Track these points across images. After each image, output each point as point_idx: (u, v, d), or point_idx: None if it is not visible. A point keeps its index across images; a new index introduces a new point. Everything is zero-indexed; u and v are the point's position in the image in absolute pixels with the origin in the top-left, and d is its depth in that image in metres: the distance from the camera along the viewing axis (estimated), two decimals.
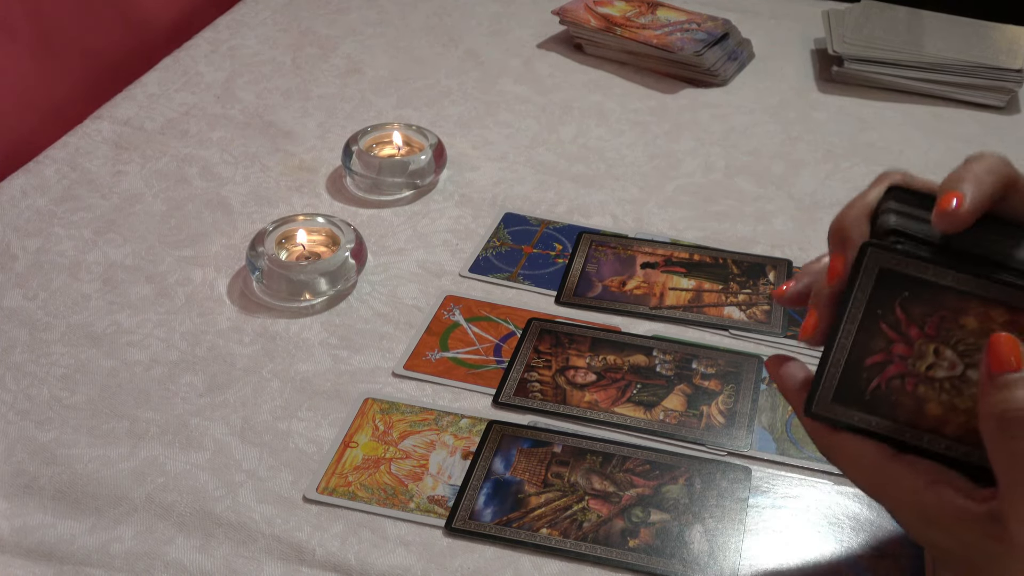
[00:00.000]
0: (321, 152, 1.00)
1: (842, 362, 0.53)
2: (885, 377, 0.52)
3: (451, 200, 0.94)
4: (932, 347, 0.51)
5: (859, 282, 0.51)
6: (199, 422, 0.72)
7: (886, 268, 0.51)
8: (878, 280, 0.51)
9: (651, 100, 1.11)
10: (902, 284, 0.51)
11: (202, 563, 0.62)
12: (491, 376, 0.75)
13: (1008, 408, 0.47)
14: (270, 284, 0.81)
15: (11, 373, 0.75)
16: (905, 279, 0.51)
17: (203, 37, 1.19)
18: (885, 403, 0.52)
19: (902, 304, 0.51)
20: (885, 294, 0.51)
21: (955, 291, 0.50)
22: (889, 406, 0.52)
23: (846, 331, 0.52)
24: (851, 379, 0.53)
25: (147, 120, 1.04)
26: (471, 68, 1.15)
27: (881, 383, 0.52)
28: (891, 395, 0.52)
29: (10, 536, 0.64)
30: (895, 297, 0.51)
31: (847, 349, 0.52)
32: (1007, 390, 0.47)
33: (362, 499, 0.66)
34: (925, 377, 0.51)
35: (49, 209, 0.92)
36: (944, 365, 0.51)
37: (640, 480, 0.68)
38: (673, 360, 0.77)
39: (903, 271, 0.51)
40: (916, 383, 0.52)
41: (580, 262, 0.86)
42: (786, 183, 0.98)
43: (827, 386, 0.53)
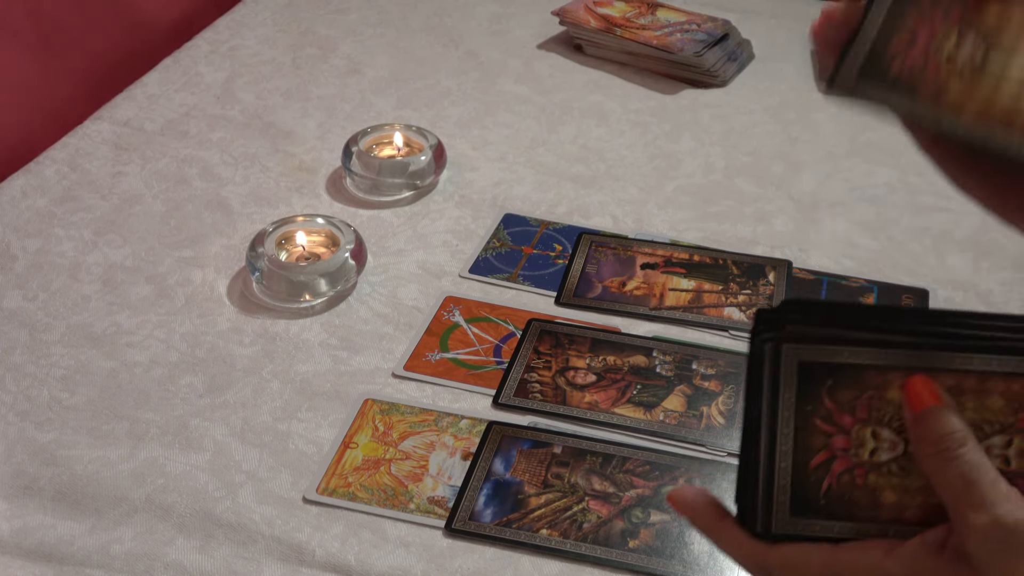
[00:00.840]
0: (321, 153, 1.00)
1: (788, 471, 0.49)
2: (834, 475, 0.49)
3: (451, 201, 0.94)
4: (869, 431, 0.49)
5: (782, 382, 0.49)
6: (199, 423, 0.72)
7: (804, 361, 0.48)
8: (800, 375, 0.48)
9: (651, 100, 1.11)
10: (824, 373, 0.48)
11: (202, 564, 0.62)
12: (491, 377, 0.75)
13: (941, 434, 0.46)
14: (270, 285, 0.81)
15: (11, 374, 0.75)
16: (825, 367, 0.48)
17: (203, 38, 1.19)
18: (841, 503, 0.49)
19: (829, 394, 0.49)
20: (810, 387, 0.49)
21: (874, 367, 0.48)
22: (845, 505, 0.49)
23: (783, 436, 0.49)
24: (802, 487, 0.49)
25: (147, 121, 1.04)
26: (471, 68, 1.15)
27: (831, 483, 0.49)
28: (844, 493, 0.49)
29: (10, 537, 0.64)
30: (820, 388, 0.48)
31: (789, 455, 0.49)
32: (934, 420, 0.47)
33: (362, 500, 0.66)
34: (871, 464, 0.49)
35: (49, 209, 0.92)
36: (885, 447, 0.49)
37: (640, 481, 0.68)
38: (673, 361, 0.77)
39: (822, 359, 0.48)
40: (865, 473, 0.49)
41: (580, 263, 0.86)
42: (786, 183, 0.98)
43: (780, 502, 0.50)
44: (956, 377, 0.48)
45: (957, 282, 0.85)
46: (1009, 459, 0.49)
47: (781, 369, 0.49)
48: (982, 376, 0.48)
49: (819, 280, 0.85)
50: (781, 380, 0.49)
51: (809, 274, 0.85)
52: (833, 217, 0.93)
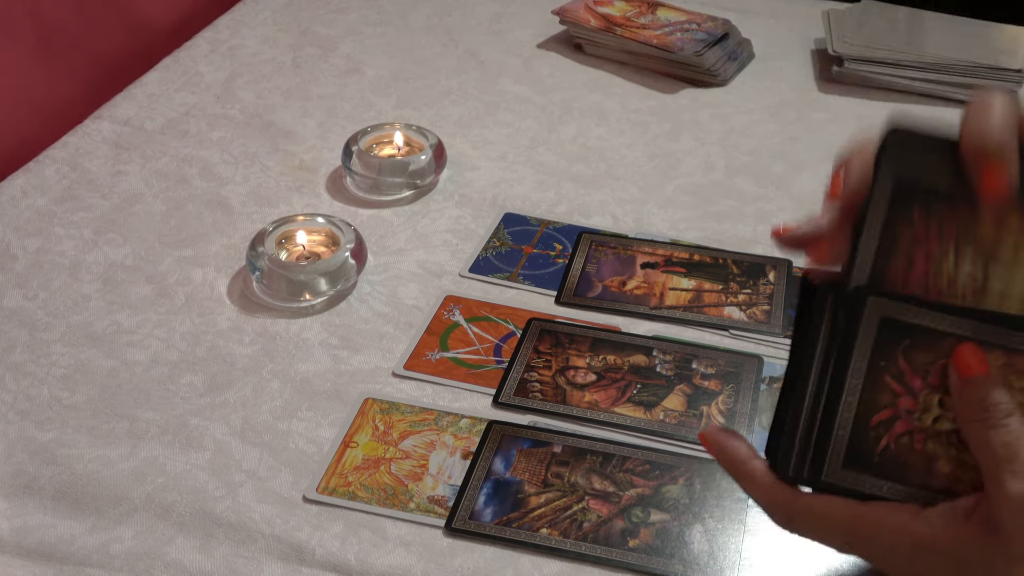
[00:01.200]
0: (321, 152, 1.00)
1: (850, 421, 0.49)
2: (893, 435, 0.49)
3: (451, 200, 0.94)
4: (937, 398, 0.48)
5: (860, 333, 0.48)
6: (199, 422, 0.72)
7: (887, 317, 0.48)
8: (879, 330, 0.48)
9: (651, 100, 1.11)
10: (903, 333, 0.48)
11: (202, 563, 0.62)
12: (491, 376, 0.75)
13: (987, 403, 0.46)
14: (270, 284, 0.81)
15: (11, 373, 0.75)
16: (906, 327, 0.48)
17: (203, 37, 1.19)
18: (895, 465, 0.49)
19: (904, 354, 0.48)
20: (887, 344, 0.48)
21: (953, 336, 0.48)
22: (899, 468, 0.49)
23: (851, 387, 0.48)
24: (860, 440, 0.49)
25: (147, 120, 1.04)
26: (471, 68, 1.15)
27: (890, 442, 0.49)
28: (901, 455, 0.49)
29: (10, 536, 0.64)
30: (896, 347, 0.48)
31: (853, 407, 0.49)
32: (982, 387, 0.47)
33: (362, 499, 0.66)
34: (933, 431, 0.48)
35: (49, 209, 0.92)
36: (950, 416, 0.48)
37: (640, 480, 0.68)
38: (673, 360, 0.77)
39: (904, 319, 0.48)
40: (925, 439, 0.49)
41: (580, 262, 0.86)
42: (786, 183, 0.98)
43: (836, 451, 0.49)
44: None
45: None
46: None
47: (862, 320, 0.48)
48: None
49: None
50: (860, 330, 0.48)
51: None
52: None
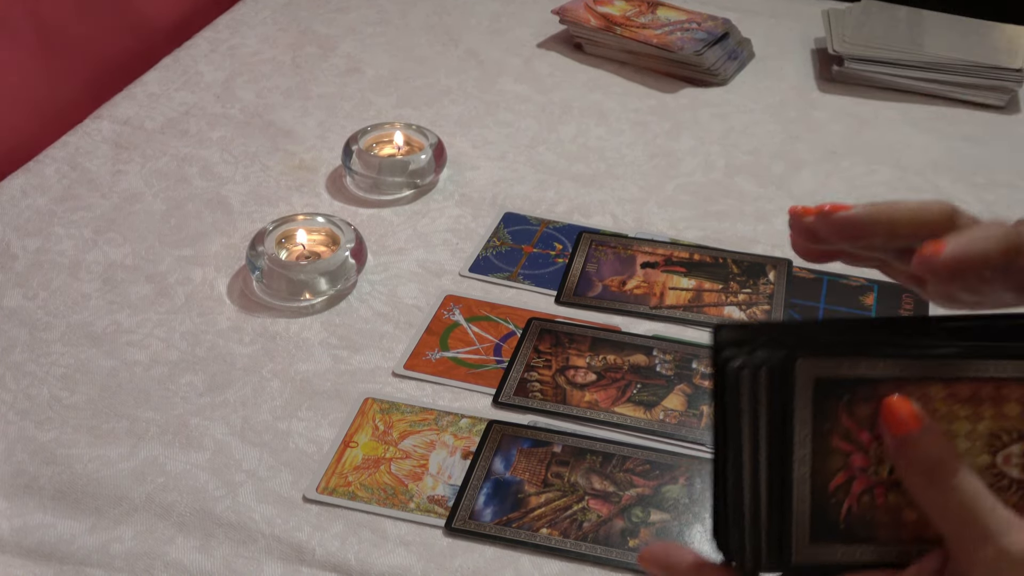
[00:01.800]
0: (321, 152, 1.00)
1: (808, 496, 0.46)
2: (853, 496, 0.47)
3: (451, 200, 0.94)
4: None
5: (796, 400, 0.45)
6: (199, 422, 0.72)
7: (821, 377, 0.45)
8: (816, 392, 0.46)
9: (651, 99, 1.11)
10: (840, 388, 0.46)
11: (202, 563, 0.62)
12: (491, 376, 0.75)
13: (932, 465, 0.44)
14: (270, 284, 0.81)
15: (11, 373, 0.75)
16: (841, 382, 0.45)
17: (203, 37, 1.19)
18: (862, 526, 0.47)
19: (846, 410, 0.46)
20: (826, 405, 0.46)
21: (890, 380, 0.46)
22: (867, 528, 0.47)
23: (800, 459, 0.46)
24: (822, 512, 0.47)
25: (147, 120, 1.04)
26: (471, 67, 1.15)
27: (852, 504, 0.47)
28: (865, 514, 0.47)
29: (10, 536, 0.64)
30: (837, 405, 0.46)
31: (807, 479, 0.46)
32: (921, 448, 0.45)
33: (362, 499, 0.66)
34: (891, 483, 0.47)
35: (49, 209, 0.91)
36: None
37: (640, 480, 0.68)
38: (673, 360, 0.77)
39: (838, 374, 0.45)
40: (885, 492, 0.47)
41: (580, 262, 0.86)
42: (786, 183, 0.98)
43: (800, 528, 0.47)
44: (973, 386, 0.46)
45: None
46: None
47: (796, 386, 0.45)
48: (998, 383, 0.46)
49: (819, 279, 0.85)
50: (796, 398, 0.46)
51: (809, 273, 0.85)
52: None
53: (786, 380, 0.46)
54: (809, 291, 0.83)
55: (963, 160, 1.01)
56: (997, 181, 0.98)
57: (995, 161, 1.01)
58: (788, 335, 0.46)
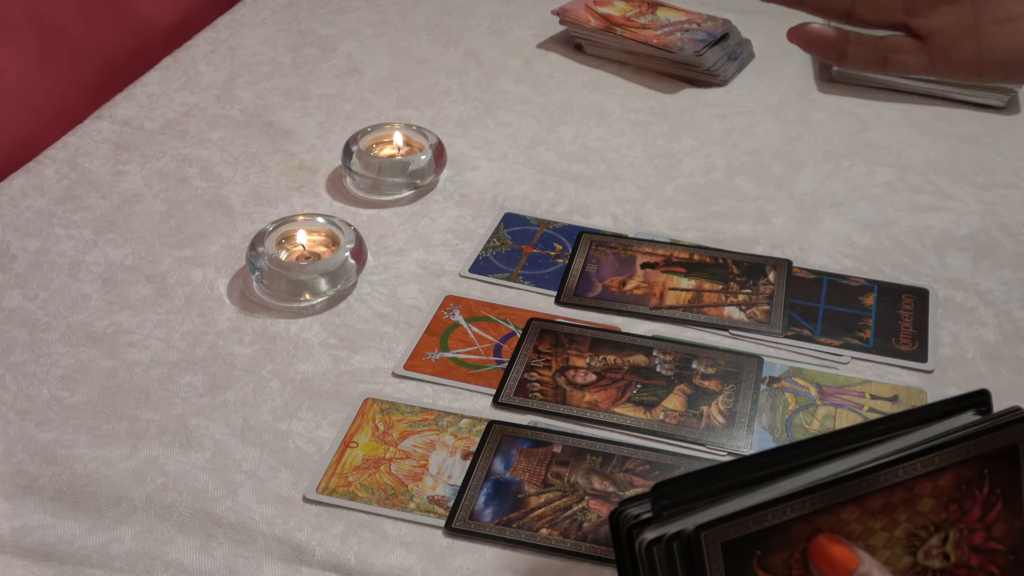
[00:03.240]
0: (321, 152, 1.00)
1: None
2: None
3: (451, 200, 0.94)
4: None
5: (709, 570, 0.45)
6: (199, 422, 0.72)
7: (727, 541, 0.45)
8: (725, 556, 0.45)
9: (651, 100, 1.11)
10: (749, 545, 0.46)
11: (202, 563, 0.62)
12: (491, 376, 0.75)
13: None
14: (270, 284, 0.81)
15: (11, 373, 0.75)
16: (748, 539, 0.45)
17: (203, 37, 1.19)
18: None
19: (760, 564, 0.46)
20: (739, 565, 0.46)
21: (796, 520, 0.45)
22: None
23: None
24: None
25: (147, 120, 1.04)
26: (471, 68, 1.15)
27: None
28: None
29: (10, 536, 0.64)
30: (750, 561, 0.46)
31: None
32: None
33: (362, 499, 0.66)
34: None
35: (49, 209, 0.92)
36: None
37: (640, 480, 0.68)
38: (673, 360, 0.77)
39: (742, 533, 0.45)
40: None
41: (580, 262, 0.86)
42: (786, 183, 0.98)
43: None
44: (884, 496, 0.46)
45: (957, 281, 0.85)
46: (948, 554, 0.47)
47: (706, 558, 0.45)
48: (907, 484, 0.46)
49: (819, 279, 0.85)
50: (707, 569, 0.45)
51: (809, 273, 0.85)
52: (833, 217, 0.93)
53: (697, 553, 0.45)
54: (809, 291, 0.83)
55: (963, 160, 1.01)
56: (997, 181, 0.98)
57: (995, 161, 1.01)
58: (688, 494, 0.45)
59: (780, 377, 0.75)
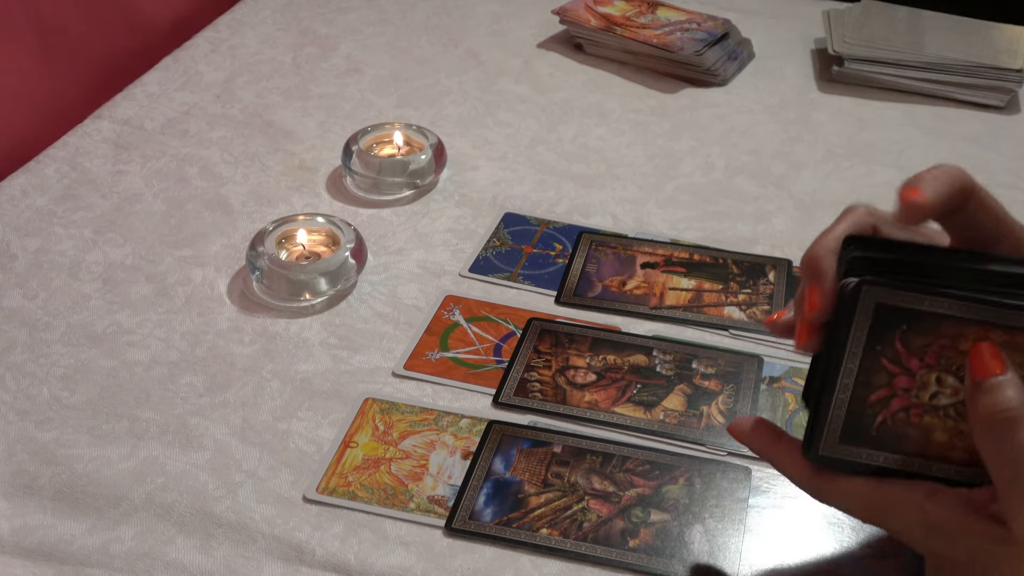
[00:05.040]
0: (321, 152, 1.00)
1: (846, 401, 0.52)
2: (890, 411, 0.51)
3: (451, 200, 0.94)
4: (934, 376, 0.50)
5: (856, 320, 0.50)
6: (199, 422, 0.72)
7: (882, 303, 0.50)
8: (875, 316, 0.50)
9: (651, 100, 1.11)
10: (900, 318, 0.50)
11: (202, 563, 0.62)
12: (491, 376, 0.75)
13: (996, 410, 0.48)
14: (270, 284, 0.81)
15: (11, 373, 0.75)
16: (902, 312, 0.50)
17: (203, 37, 1.19)
18: (892, 437, 0.52)
19: (902, 338, 0.50)
20: (883, 329, 0.50)
21: (952, 318, 0.49)
22: (896, 439, 0.52)
23: (847, 370, 0.51)
24: (856, 417, 0.52)
25: (147, 120, 1.04)
26: (471, 68, 1.15)
27: (887, 418, 0.52)
28: (897, 428, 0.52)
29: (10, 536, 0.64)
30: (894, 331, 0.50)
31: (850, 388, 0.51)
32: (993, 393, 0.48)
33: (362, 499, 0.66)
34: (930, 406, 0.51)
35: (49, 209, 0.92)
36: (947, 392, 0.51)
37: (640, 480, 0.68)
38: (673, 360, 0.77)
39: (900, 304, 0.50)
40: (921, 413, 0.51)
41: (580, 262, 0.86)
42: (786, 183, 0.98)
43: (832, 427, 0.52)
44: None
45: None
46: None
47: (858, 307, 0.50)
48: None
49: None
50: (855, 318, 0.50)
51: None
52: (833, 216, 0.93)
53: (851, 302, 0.50)
54: None
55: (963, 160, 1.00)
56: (997, 181, 0.98)
57: (995, 161, 1.01)
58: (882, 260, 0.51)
59: (780, 377, 0.75)
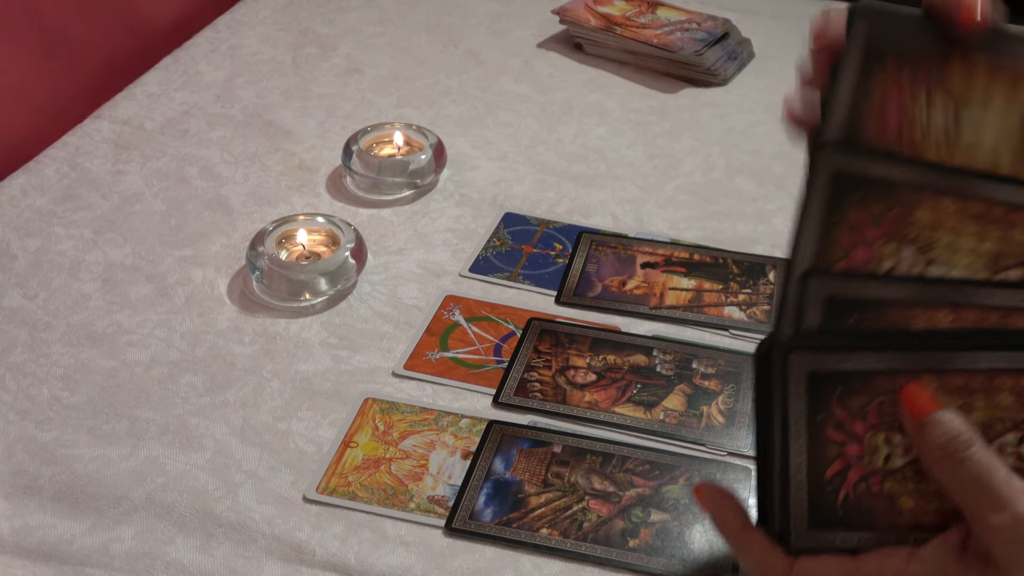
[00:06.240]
0: (321, 152, 1.00)
1: (804, 484, 0.49)
2: (850, 484, 0.49)
3: (451, 200, 0.94)
4: (881, 437, 0.48)
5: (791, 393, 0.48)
6: (199, 422, 0.72)
7: (813, 371, 0.48)
8: (809, 385, 0.48)
9: (651, 100, 1.11)
10: (834, 381, 0.48)
11: (202, 563, 0.62)
12: (491, 376, 0.75)
13: (944, 440, 0.46)
14: (270, 284, 0.81)
15: (11, 373, 0.75)
16: (834, 375, 0.48)
17: (203, 37, 1.19)
18: (859, 513, 0.49)
19: (839, 401, 0.48)
20: (820, 397, 0.48)
21: (882, 372, 0.48)
22: (864, 515, 0.49)
23: (796, 449, 0.48)
24: (818, 499, 0.49)
25: (147, 120, 1.04)
26: (471, 68, 1.15)
27: (848, 492, 0.49)
28: (861, 502, 0.49)
29: (10, 536, 0.64)
30: (830, 396, 0.48)
31: (804, 468, 0.49)
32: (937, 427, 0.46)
33: (362, 499, 0.66)
34: (887, 471, 0.49)
35: (49, 209, 0.92)
36: (899, 452, 0.48)
37: (640, 480, 0.68)
38: (673, 360, 0.77)
39: (829, 367, 0.48)
40: (881, 480, 0.49)
41: (580, 262, 0.86)
42: (786, 183, 0.98)
43: (798, 515, 0.49)
44: (964, 377, 0.48)
45: None
46: (1023, 455, 0.49)
47: (790, 380, 0.48)
48: (990, 374, 0.48)
49: None
50: (791, 391, 0.48)
51: None
52: None
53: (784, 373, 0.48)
54: None
55: None
56: None
57: None
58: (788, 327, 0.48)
59: None
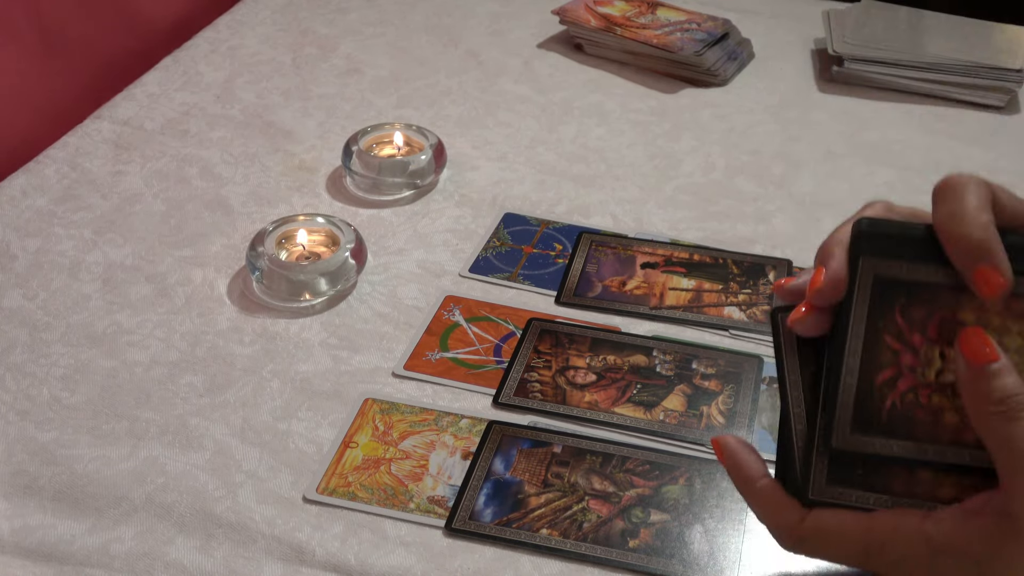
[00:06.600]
0: (321, 152, 1.00)
1: (853, 386, 0.49)
2: (898, 393, 0.49)
3: (451, 200, 0.94)
4: (937, 351, 0.49)
5: (855, 295, 0.49)
6: (199, 422, 0.72)
7: (880, 276, 0.49)
8: (874, 290, 0.49)
9: (651, 100, 1.11)
10: (899, 290, 0.49)
11: (202, 563, 0.62)
12: (491, 376, 0.75)
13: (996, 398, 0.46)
14: (270, 284, 0.81)
15: (11, 373, 0.75)
16: (900, 284, 0.49)
17: (203, 37, 1.19)
18: (903, 422, 0.49)
19: (902, 311, 0.49)
20: (884, 304, 0.49)
21: (948, 288, 0.48)
22: (907, 425, 0.49)
23: (851, 350, 0.49)
24: (865, 402, 0.49)
25: (147, 120, 1.04)
26: (471, 68, 1.15)
27: (895, 400, 0.49)
28: (907, 412, 0.49)
29: (10, 536, 0.64)
30: (894, 305, 0.49)
31: (856, 371, 0.49)
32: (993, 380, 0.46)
33: (362, 499, 0.66)
34: (937, 385, 0.49)
35: (49, 209, 0.92)
36: (952, 368, 0.49)
37: (640, 480, 0.68)
38: (673, 360, 0.77)
39: (897, 276, 0.48)
40: (929, 393, 0.49)
41: (580, 262, 0.86)
42: (786, 183, 0.98)
43: (843, 416, 0.49)
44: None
45: None
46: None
47: (857, 281, 0.49)
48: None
49: None
50: (855, 293, 0.49)
51: None
52: (833, 217, 0.92)
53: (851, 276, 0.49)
54: None
55: (963, 160, 1.01)
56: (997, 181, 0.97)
57: (995, 161, 1.01)
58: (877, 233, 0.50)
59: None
